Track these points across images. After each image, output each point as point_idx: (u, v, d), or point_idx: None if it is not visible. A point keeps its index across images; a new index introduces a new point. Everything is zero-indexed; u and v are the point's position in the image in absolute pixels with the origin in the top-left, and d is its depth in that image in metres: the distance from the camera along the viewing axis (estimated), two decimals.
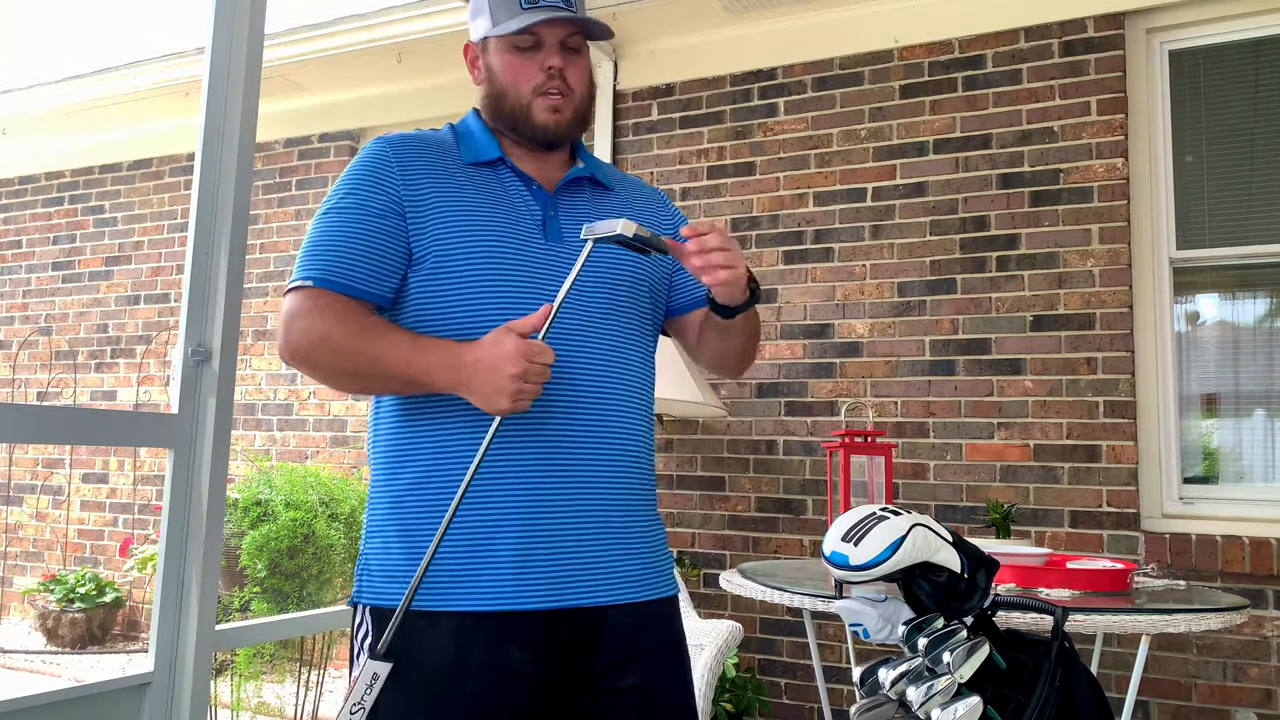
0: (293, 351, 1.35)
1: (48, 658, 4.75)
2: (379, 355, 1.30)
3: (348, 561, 3.70)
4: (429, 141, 1.45)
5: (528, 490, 1.32)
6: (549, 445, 1.34)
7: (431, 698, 1.27)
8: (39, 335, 5.67)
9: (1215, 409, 3.34)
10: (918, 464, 3.49)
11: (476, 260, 1.36)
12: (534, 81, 1.42)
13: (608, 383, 1.40)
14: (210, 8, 2.12)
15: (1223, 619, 2.12)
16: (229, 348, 2.08)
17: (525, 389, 1.22)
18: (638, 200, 1.58)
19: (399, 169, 1.39)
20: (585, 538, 1.35)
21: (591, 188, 1.52)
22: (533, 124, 1.43)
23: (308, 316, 1.32)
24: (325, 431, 4.81)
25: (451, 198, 1.38)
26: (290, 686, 3.81)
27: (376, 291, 1.36)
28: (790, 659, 3.61)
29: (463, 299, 1.36)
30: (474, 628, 1.29)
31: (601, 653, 1.36)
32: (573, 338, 1.37)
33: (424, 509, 1.34)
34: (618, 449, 1.39)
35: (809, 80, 3.83)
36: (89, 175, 5.67)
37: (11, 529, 5.60)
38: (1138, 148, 3.36)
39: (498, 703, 1.28)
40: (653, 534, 1.47)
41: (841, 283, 3.68)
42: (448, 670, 1.28)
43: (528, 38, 1.41)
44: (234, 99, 2.12)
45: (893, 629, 1.50)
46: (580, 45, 1.46)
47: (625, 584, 1.38)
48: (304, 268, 1.36)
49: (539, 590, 1.30)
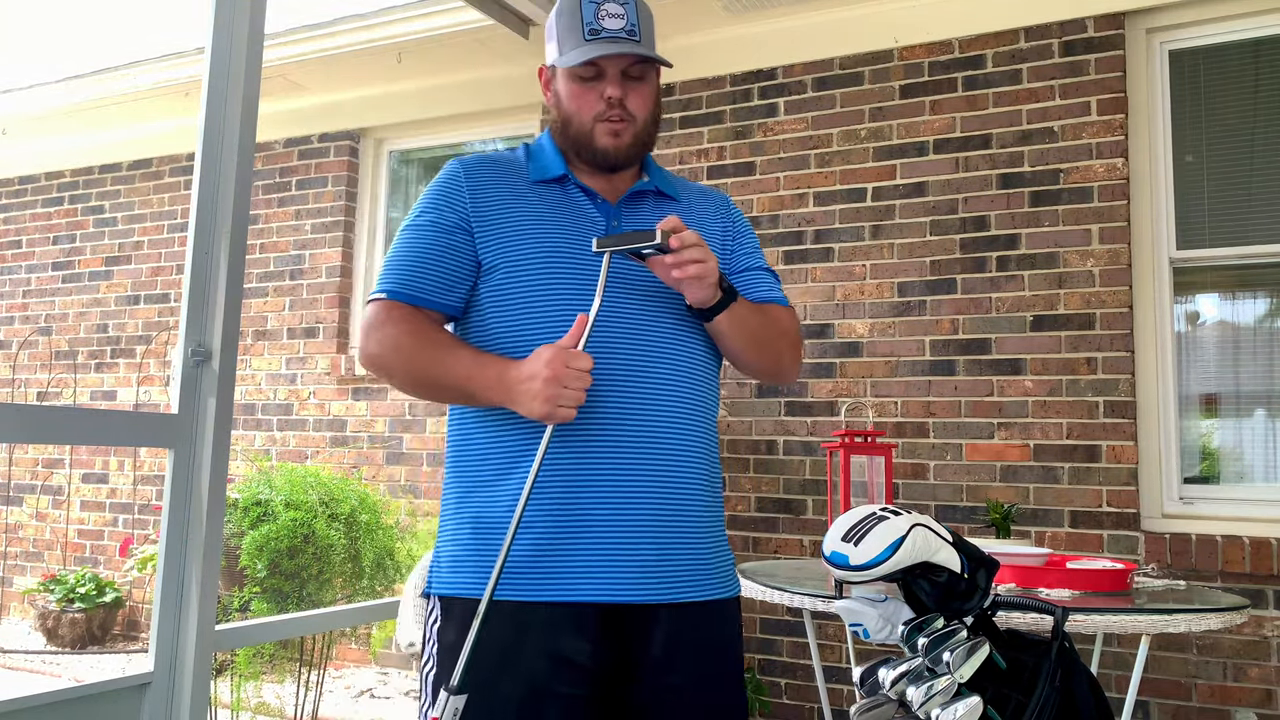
0: (369, 359, 1.47)
1: (48, 658, 4.75)
2: (444, 370, 1.41)
3: (347, 561, 3.70)
4: (500, 161, 1.55)
5: (581, 490, 1.39)
6: (601, 447, 1.40)
7: (488, 682, 1.33)
8: (39, 335, 5.67)
9: (1215, 409, 3.34)
10: (918, 464, 3.50)
11: (542, 269, 1.44)
12: (595, 110, 1.49)
13: (657, 387, 1.44)
14: (210, 8, 2.12)
15: (1223, 619, 2.12)
16: (229, 348, 2.08)
17: (563, 394, 1.30)
18: (701, 206, 1.63)
19: (469, 187, 1.50)
20: (638, 537, 1.40)
21: (656, 199, 1.58)
22: (594, 148, 1.50)
23: (383, 328, 1.44)
24: (325, 431, 4.81)
25: (519, 212, 1.48)
26: (290, 686, 3.81)
27: (445, 302, 1.48)
28: (790, 659, 3.61)
29: (530, 305, 1.44)
30: (529, 617, 1.36)
31: (651, 649, 1.40)
32: (616, 345, 1.42)
33: (487, 507, 1.43)
34: (671, 450, 1.44)
35: (809, 80, 3.83)
36: (89, 175, 5.67)
37: (11, 529, 5.60)
38: (1138, 148, 3.36)
39: (551, 689, 1.35)
40: (710, 535, 1.49)
41: (841, 283, 3.68)
42: (505, 656, 1.35)
43: (590, 68, 1.48)
44: (234, 99, 2.12)
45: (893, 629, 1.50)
46: (643, 73, 1.51)
47: (677, 584, 1.43)
48: (382, 281, 1.48)
49: (590, 585, 1.37)
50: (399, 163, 5.02)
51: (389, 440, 4.65)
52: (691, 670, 1.43)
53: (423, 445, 4.57)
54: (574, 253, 1.45)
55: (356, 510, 3.76)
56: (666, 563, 1.42)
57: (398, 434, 4.63)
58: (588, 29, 1.45)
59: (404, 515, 4.51)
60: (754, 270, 1.62)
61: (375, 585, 3.76)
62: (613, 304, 1.41)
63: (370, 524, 3.78)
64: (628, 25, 1.46)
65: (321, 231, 4.92)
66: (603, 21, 1.45)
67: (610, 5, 1.46)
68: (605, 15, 1.45)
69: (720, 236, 1.61)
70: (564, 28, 1.49)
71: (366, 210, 4.96)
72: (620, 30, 1.45)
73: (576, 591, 1.37)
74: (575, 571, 1.37)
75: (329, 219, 4.91)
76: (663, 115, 1.63)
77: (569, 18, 1.48)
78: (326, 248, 4.90)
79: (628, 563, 1.39)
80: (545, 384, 1.29)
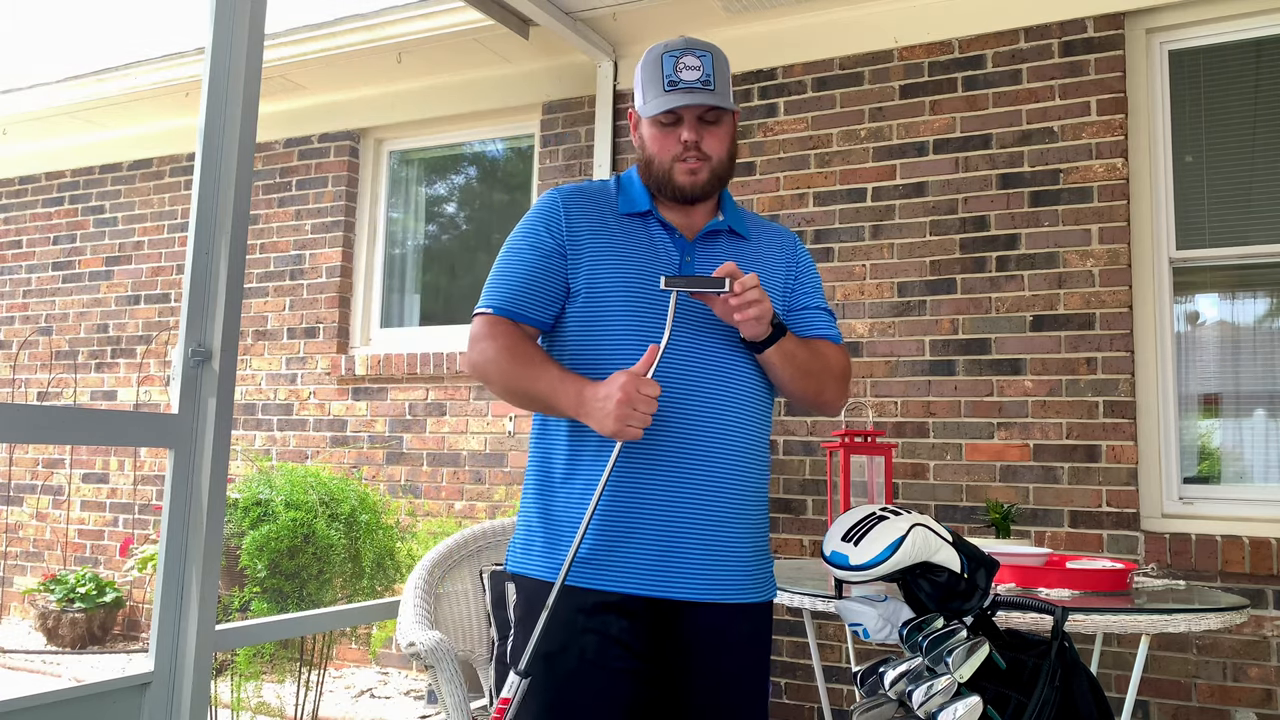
0: (472, 367, 1.67)
1: (48, 658, 4.74)
2: (532, 384, 1.60)
3: (347, 561, 3.69)
4: (593, 193, 1.74)
5: (639, 495, 1.57)
6: (661, 459, 1.58)
7: (551, 652, 1.52)
8: (39, 335, 5.67)
9: (1215, 409, 3.34)
10: (918, 464, 3.50)
11: (619, 297, 1.63)
12: (673, 152, 1.66)
13: (715, 410, 1.61)
14: (210, 8, 2.12)
15: (1223, 619, 2.12)
16: (229, 348, 2.08)
17: (632, 415, 1.48)
18: (769, 246, 1.79)
19: (565, 216, 1.68)
20: (686, 539, 1.57)
21: (729, 237, 1.75)
22: (674, 185, 1.67)
23: (485, 340, 1.65)
24: (325, 431, 4.81)
25: (604, 243, 1.67)
26: (290, 686, 3.81)
27: (539, 319, 1.67)
28: (790, 659, 3.61)
29: (607, 329, 1.63)
30: (583, 600, 1.55)
31: (688, 643, 1.58)
32: (682, 371, 1.59)
33: (556, 502, 1.63)
34: (724, 465, 1.61)
35: (809, 80, 3.83)
36: (89, 175, 5.67)
37: (11, 529, 5.60)
38: (1138, 148, 3.36)
39: (601, 662, 1.54)
40: (755, 542, 1.66)
41: (841, 283, 3.68)
42: (565, 630, 1.54)
43: (669, 115, 1.65)
44: (234, 99, 2.12)
45: (893, 629, 1.50)
46: (718, 117, 1.67)
47: (720, 585, 1.59)
48: (487, 296, 1.68)
49: (638, 579, 1.55)
50: (399, 163, 5.02)
51: (389, 440, 4.65)
52: (722, 661, 1.60)
53: (423, 445, 4.57)
54: (647, 284, 1.62)
55: (356, 510, 3.76)
56: (712, 565, 1.58)
57: (398, 434, 4.63)
58: (667, 80, 1.63)
59: (404, 515, 4.51)
60: (811, 310, 1.79)
61: (375, 585, 3.76)
62: (680, 334, 1.58)
63: (370, 524, 3.78)
64: (703, 76, 1.63)
65: (321, 231, 4.92)
66: (681, 74, 1.63)
67: (688, 59, 1.64)
68: (684, 68, 1.63)
69: (783, 275, 1.77)
70: (648, 79, 1.67)
71: (366, 210, 4.96)
72: (696, 81, 1.63)
73: (626, 584, 1.55)
74: (628, 566, 1.55)
75: (329, 219, 4.91)
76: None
77: (652, 69, 1.66)
78: (326, 248, 4.90)
79: (676, 562, 1.56)
80: (618, 405, 1.47)
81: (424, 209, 5.04)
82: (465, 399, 4.50)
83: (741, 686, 1.63)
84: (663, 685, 1.58)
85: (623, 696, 1.55)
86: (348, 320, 4.89)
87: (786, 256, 1.80)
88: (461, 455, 4.48)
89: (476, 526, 2.51)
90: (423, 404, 4.58)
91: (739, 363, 1.65)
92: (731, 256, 1.71)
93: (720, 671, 1.60)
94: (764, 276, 1.71)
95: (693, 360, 1.61)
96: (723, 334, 1.64)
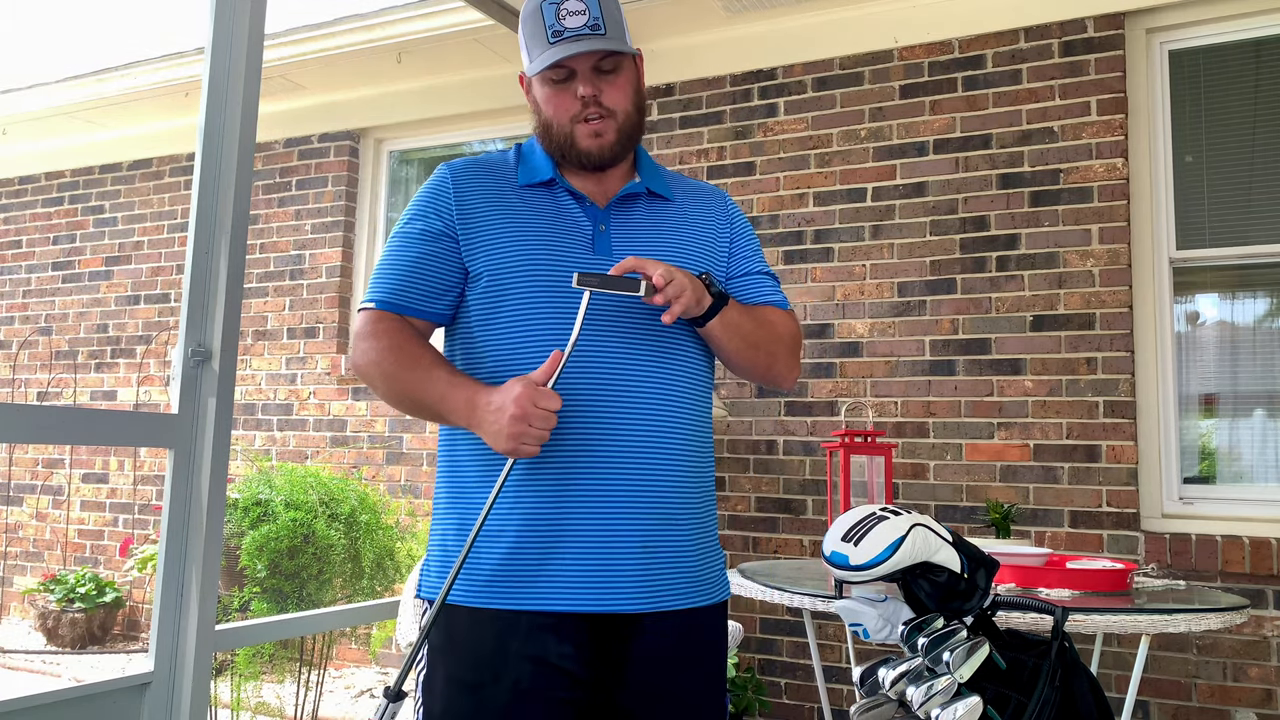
0: (356, 368, 1.49)
1: (48, 658, 4.75)
2: (419, 388, 1.42)
3: (347, 562, 3.69)
4: (488, 165, 1.54)
5: (565, 500, 1.39)
6: (585, 458, 1.40)
7: (477, 683, 1.37)
8: (39, 335, 5.67)
9: (1215, 409, 3.34)
10: (918, 464, 3.50)
11: (526, 275, 1.43)
12: (571, 111, 1.47)
13: (644, 396, 1.43)
14: (210, 8, 2.12)
15: (1223, 619, 2.12)
16: (229, 348, 2.08)
17: (528, 432, 1.30)
18: (696, 207, 1.60)
19: (454, 194, 1.49)
20: (621, 547, 1.40)
21: (649, 199, 1.55)
22: (578, 150, 1.48)
23: (368, 339, 1.45)
24: (325, 431, 4.81)
25: (504, 218, 1.47)
26: (290, 686, 3.81)
27: (432, 311, 1.48)
28: (790, 659, 3.61)
29: (514, 313, 1.44)
30: (512, 625, 1.38)
31: (635, 656, 1.41)
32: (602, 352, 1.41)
33: (470, 514, 1.43)
34: (656, 460, 1.43)
35: (809, 80, 3.83)
36: (89, 175, 5.67)
37: (11, 529, 5.60)
38: (1138, 148, 3.36)
39: (538, 692, 1.36)
40: (697, 544, 1.48)
41: (841, 283, 3.68)
42: (490, 662, 1.38)
43: (560, 70, 1.46)
44: (234, 99, 2.12)
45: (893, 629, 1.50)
46: (615, 65, 1.47)
47: (661, 593, 1.42)
48: (371, 290, 1.49)
49: (573, 595, 1.37)
50: (399, 163, 5.02)
51: (389, 440, 4.65)
52: (675, 675, 1.44)
53: (423, 445, 4.57)
54: (556, 261, 1.43)
55: (356, 510, 3.76)
56: (651, 573, 1.41)
57: (398, 434, 4.63)
58: (550, 31, 1.43)
59: (404, 515, 4.51)
60: (753, 275, 1.61)
61: (375, 585, 3.76)
62: (599, 309, 1.39)
63: (370, 524, 3.78)
64: (590, 21, 1.43)
65: (321, 231, 4.92)
66: (564, 21, 1.43)
67: (570, 3, 1.43)
68: (566, 14, 1.43)
69: (715, 237, 1.59)
70: (529, 34, 1.47)
71: (366, 210, 4.96)
72: (583, 27, 1.42)
73: (559, 601, 1.37)
74: (558, 582, 1.37)
75: (329, 219, 4.91)
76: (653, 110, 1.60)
77: (532, 23, 1.46)
78: (326, 248, 4.90)
79: (611, 573, 1.38)
80: (511, 420, 1.29)
81: None
82: None
83: (702, 706, 1.48)
84: (612, 709, 1.41)
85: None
86: (348, 320, 4.89)
87: (717, 217, 1.61)
88: None
89: None
90: None
91: (670, 340, 1.46)
92: (653, 221, 1.52)
93: (677, 691, 1.44)
94: (694, 240, 1.54)
95: (616, 335, 1.43)
96: (641, 320, 1.44)
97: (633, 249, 1.47)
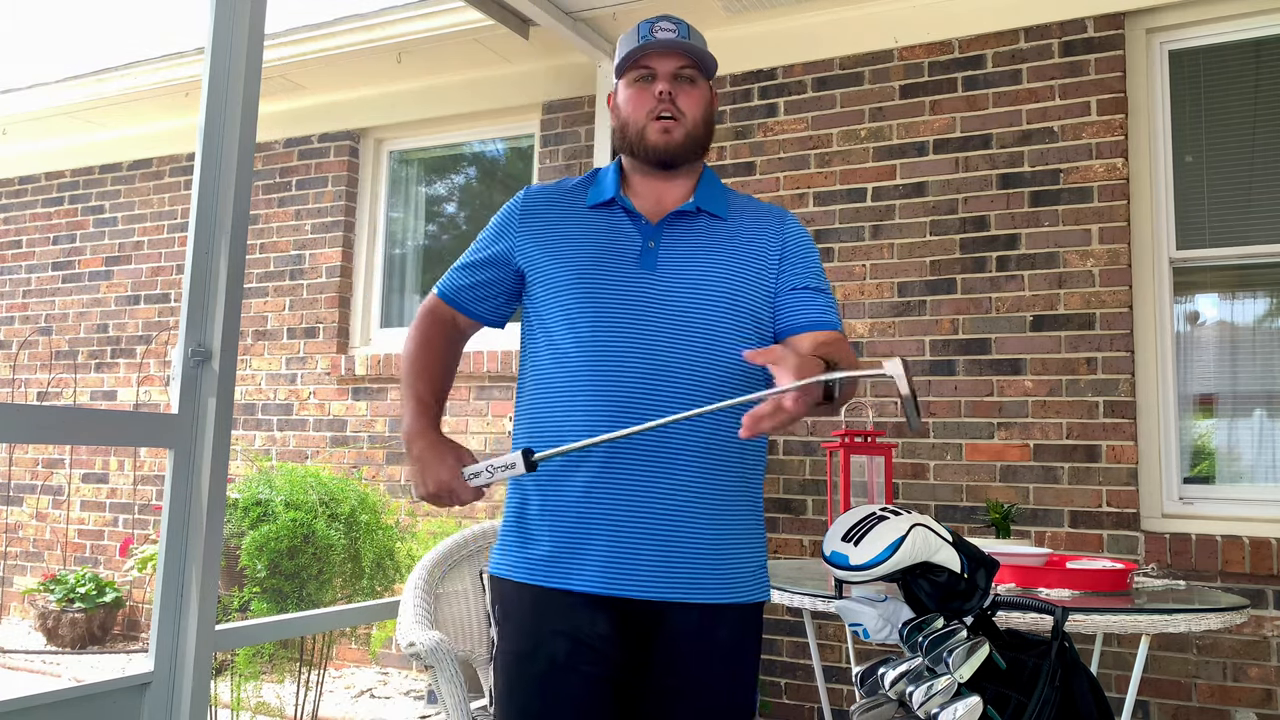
0: (409, 333, 1.69)
1: (48, 658, 4.74)
2: (406, 383, 1.63)
3: (347, 562, 3.69)
4: (563, 190, 1.70)
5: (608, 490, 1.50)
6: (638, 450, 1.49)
7: (522, 653, 1.52)
8: (39, 335, 5.67)
9: (1215, 409, 3.34)
10: (918, 464, 3.50)
11: (571, 287, 1.58)
12: (648, 107, 1.61)
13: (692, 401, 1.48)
14: (210, 8, 2.12)
15: (1223, 619, 2.12)
16: (229, 348, 2.08)
17: (436, 500, 1.50)
18: (750, 227, 1.66)
19: (521, 218, 1.67)
20: (657, 538, 1.49)
21: (701, 218, 1.64)
22: (646, 145, 1.61)
23: (419, 318, 1.70)
24: (325, 431, 4.81)
25: (563, 236, 1.62)
26: (290, 686, 3.81)
27: (478, 312, 1.70)
28: (790, 659, 3.61)
29: (560, 320, 1.57)
30: (551, 602, 1.51)
31: (658, 643, 1.50)
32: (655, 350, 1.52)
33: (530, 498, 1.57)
34: (703, 459, 1.51)
35: (809, 80, 3.83)
36: (89, 175, 5.67)
37: (11, 529, 5.60)
38: (1138, 148, 3.36)
39: (572, 666, 1.48)
40: (737, 541, 1.55)
41: (841, 283, 3.68)
42: (530, 636, 1.52)
43: (644, 70, 1.63)
44: (234, 99, 2.12)
45: (893, 629, 1.50)
46: (695, 77, 1.65)
47: (694, 586, 1.50)
48: (443, 279, 1.72)
49: (607, 579, 1.48)
50: (399, 163, 5.02)
51: (389, 440, 4.65)
52: (699, 669, 1.50)
53: None
54: (601, 275, 1.56)
55: (356, 510, 3.76)
56: (690, 563, 1.49)
57: (398, 434, 4.63)
58: (642, 40, 1.62)
59: (404, 515, 4.51)
60: (799, 290, 1.61)
61: (375, 585, 3.76)
62: (657, 307, 1.53)
63: (370, 524, 3.78)
64: (679, 35, 1.63)
65: (321, 231, 4.92)
66: (656, 34, 1.62)
67: (664, 23, 1.64)
68: (659, 30, 1.62)
69: (761, 257, 1.62)
70: (624, 47, 1.65)
71: (366, 210, 4.96)
72: (672, 40, 1.61)
73: (595, 584, 1.48)
74: (592, 566, 1.48)
75: (329, 219, 4.91)
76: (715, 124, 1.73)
77: (627, 39, 1.65)
78: (326, 248, 4.90)
79: (651, 560, 1.48)
80: (422, 484, 1.50)
81: (424, 209, 5.04)
82: (465, 399, 4.50)
83: (722, 700, 1.53)
84: (638, 695, 1.51)
85: (594, 705, 1.48)
86: (348, 320, 4.89)
87: (769, 237, 1.64)
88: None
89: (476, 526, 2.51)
90: None
91: (720, 347, 1.53)
92: (702, 240, 1.60)
93: (701, 682, 1.50)
94: (736, 259, 1.59)
95: (670, 335, 1.52)
96: (712, 307, 1.54)
97: (679, 266, 1.57)
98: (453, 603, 2.36)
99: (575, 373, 1.52)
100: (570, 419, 1.52)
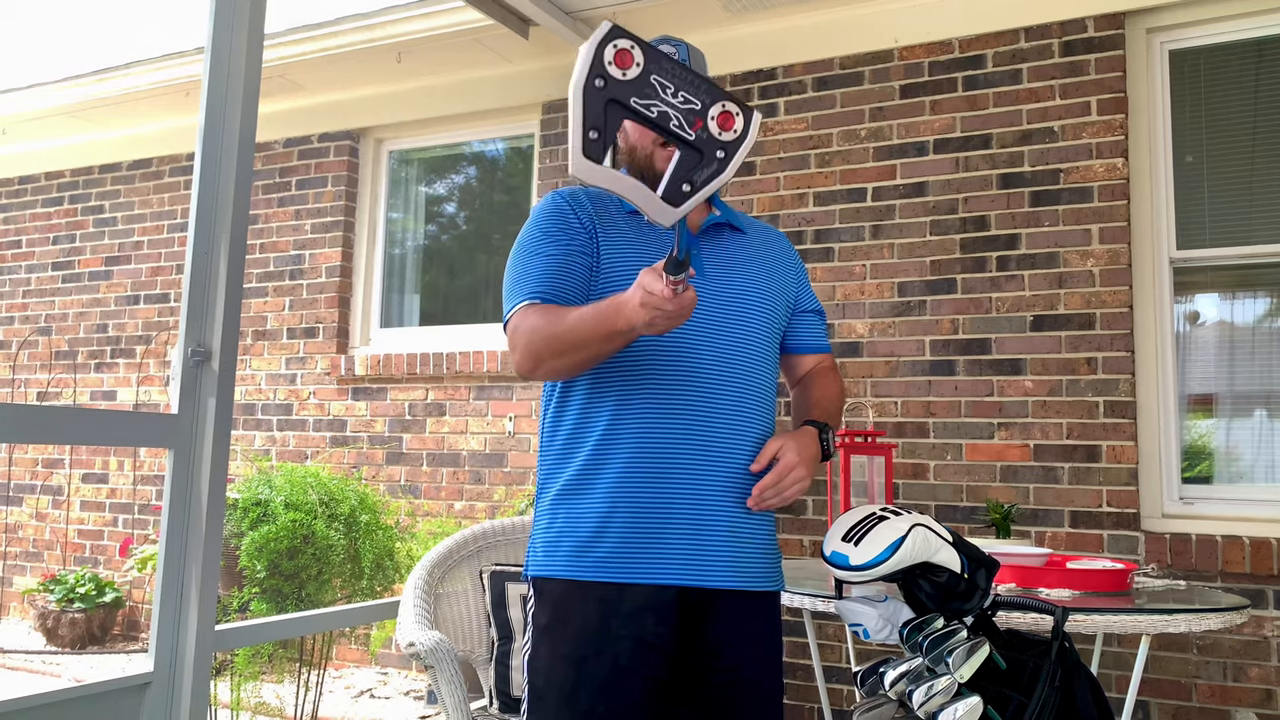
0: (520, 358, 1.55)
1: (48, 658, 4.74)
2: (570, 327, 1.49)
3: (347, 562, 3.69)
4: (592, 195, 1.71)
5: (668, 484, 1.55)
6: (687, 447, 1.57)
7: (580, 657, 1.52)
8: (39, 335, 5.67)
9: (1215, 409, 3.34)
10: (918, 464, 3.49)
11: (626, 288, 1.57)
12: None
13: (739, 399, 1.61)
14: (210, 8, 2.12)
15: (1223, 619, 2.12)
16: (229, 348, 2.08)
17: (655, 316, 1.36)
18: (768, 243, 1.80)
19: (586, 206, 1.66)
20: (717, 527, 1.56)
21: (727, 231, 1.75)
22: (655, 173, 1.60)
23: (518, 328, 1.56)
24: (325, 431, 4.81)
25: (612, 239, 1.64)
26: (290, 687, 3.81)
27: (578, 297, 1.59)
28: (790, 659, 3.61)
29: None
30: (617, 601, 1.52)
31: (710, 632, 1.56)
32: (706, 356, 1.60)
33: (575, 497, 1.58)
34: (746, 454, 1.60)
35: (809, 80, 3.83)
36: (89, 175, 5.67)
37: (11, 529, 5.60)
38: (1138, 148, 3.36)
39: (635, 669, 1.51)
40: (766, 531, 1.66)
41: (841, 283, 3.68)
42: (595, 636, 1.52)
43: None
44: (234, 99, 2.12)
45: (893, 629, 1.50)
46: None
47: (746, 573, 1.59)
48: (514, 295, 1.59)
49: (672, 569, 1.53)
50: (399, 163, 5.02)
51: (389, 440, 4.65)
52: (751, 654, 1.60)
53: (422, 445, 4.57)
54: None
55: (356, 510, 3.76)
56: (740, 553, 1.58)
57: (398, 434, 4.63)
58: None
59: (404, 515, 4.51)
60: (808, 313, 1.82)
61: (375, 585, 3.76)
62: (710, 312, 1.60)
63: (370, 524, 3.78)
64: (679, 59, 1.59)
65: (321, 231, 4.92)
66: None
67: (664, 46, 1.69)
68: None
69: (789, 274, 1.79)
70: None
71: (366, 210, 4.96)
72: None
73: (660, 575, 1.53)
74: (660, 557, 1.53)
75: (329, 219, 4.91)
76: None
77: None
78: (326, 248, 4.90)
79: (707, 550, 1.55)
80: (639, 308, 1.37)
81: (424, 209, 5.04)
82: (465, 399, 4.50)
83: (761, 686, 1.61)
84: (689, 685, 1.57)
85: (653, 706, 1.53)
86: (347, 320, 4.89)
87: (786, 255, 1.82)
88: (461, 455, 4.48)
89: (476, 527, 2.51)
90: (422, 404, 4.58)
91: (759, 351, 1.67)
92: (737, 252, 1.71)
93: (744, 668, 1.58)
94: (769, 273, 1.74)
95: (720, 344, 1.62)
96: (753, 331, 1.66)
97: (724, 273, 1.66)
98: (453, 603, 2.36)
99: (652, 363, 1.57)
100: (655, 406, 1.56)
